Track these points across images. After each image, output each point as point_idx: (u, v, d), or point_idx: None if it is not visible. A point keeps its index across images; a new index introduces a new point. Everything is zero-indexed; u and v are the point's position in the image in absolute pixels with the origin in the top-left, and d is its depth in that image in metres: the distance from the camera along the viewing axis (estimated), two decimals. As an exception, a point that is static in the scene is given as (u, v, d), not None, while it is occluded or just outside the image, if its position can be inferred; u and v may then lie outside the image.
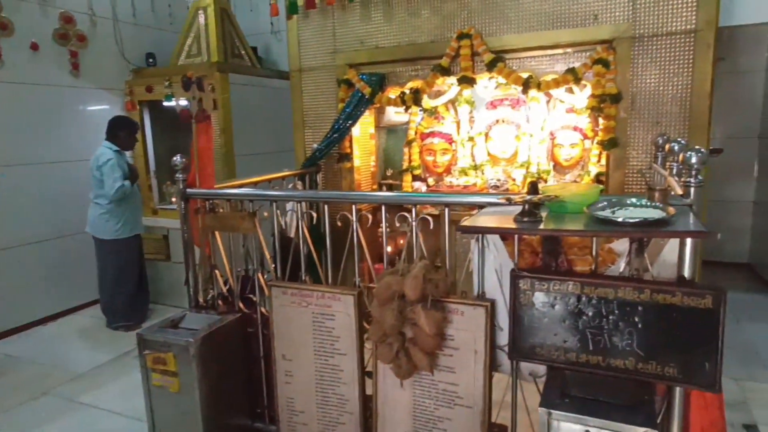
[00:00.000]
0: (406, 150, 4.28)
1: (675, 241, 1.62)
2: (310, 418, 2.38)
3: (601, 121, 3.57)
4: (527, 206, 1.54)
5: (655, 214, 1.43)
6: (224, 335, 2.47)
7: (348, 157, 3.68)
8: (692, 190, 1.63)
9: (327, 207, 2.27)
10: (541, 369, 1.94)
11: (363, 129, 3.91)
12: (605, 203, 1.59)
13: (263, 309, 2.50)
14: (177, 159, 2.50)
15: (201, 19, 5.08)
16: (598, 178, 3.61)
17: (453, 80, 3.40)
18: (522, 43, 3.07)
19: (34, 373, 3.60)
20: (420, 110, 4.27)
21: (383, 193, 2.80)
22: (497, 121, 3.92)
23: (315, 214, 2.68)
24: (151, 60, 5.25)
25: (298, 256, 2.45)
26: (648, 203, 1.55)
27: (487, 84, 4.01)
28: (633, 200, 1.59)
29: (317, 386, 2.35)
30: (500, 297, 1.99)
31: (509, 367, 2.01)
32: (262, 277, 2.48)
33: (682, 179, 1.66)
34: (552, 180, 3.85)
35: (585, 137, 3.75)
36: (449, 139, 4.13)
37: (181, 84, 2.46)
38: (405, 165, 4.29)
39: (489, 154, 3.99)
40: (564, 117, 3.79)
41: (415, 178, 4.28)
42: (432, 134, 4.16)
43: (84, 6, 4.76)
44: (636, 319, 1.71)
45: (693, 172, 1.63)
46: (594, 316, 1.76)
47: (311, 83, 3.77)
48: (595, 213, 1.48)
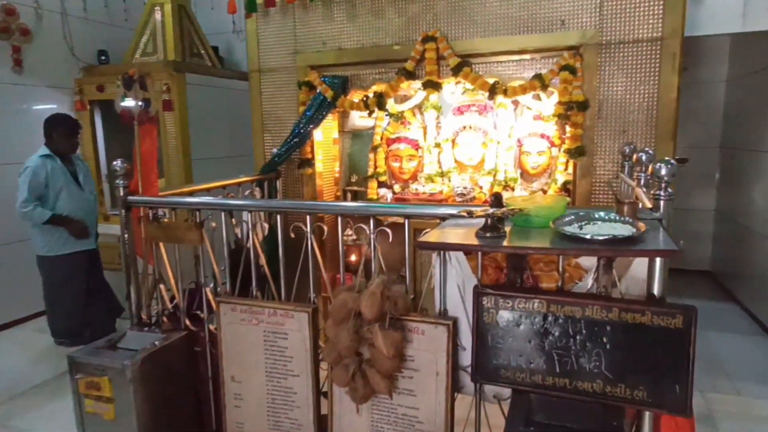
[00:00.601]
0: (372, 156, 4.15)
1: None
2: (262, 445, 2.21)
3: (568, 129, 3.54)
4: (490, 220, 1.42)
5: (625, 231, 1.33)
6: (168, 355, 2.27)
7: (309, 163, 3.52)
8: (662, 204, 1.55)
9: (280, 217, 2.11)
10: (506, 391, 1.82)
11: (326, 133, 3.75)
12: (572, 217, 1.49)
13: (212, 326, 2.32)
14: (118, 164, 2.30)
15: (158, 16, 4.85)
16: (565, 187, 3.57)
17: (419, 84, 3.29)
18: (488, 48, 2.98)
19: (-37, 395, 3.30)
20: (386, 115, 4.15)
21: (340, 203, 2.63)
22: (464, 128, 3.83)
23: (267, 225, 2.51)
24: (104, 57, 4.98)
25: (252, 270, 2.28)
26: (617, 218, 1.45)
27: (454, 89, 3.92)
28: (601, 214, 1.49)
29: (269, 410, 2.18)
30: (463, 315, 1.87)
31: (472, 389, 1.89)
32: (210, 293, 2.30)
33: (652, 192, 1.58)
34: (519, 188, 3.79)
35: (552, 145, 3.70)
36: (416, 145, 4.03)
37: (121, 82, 2.26)
38: (370, 171, 4.16)
39: (456, 161, 3.90)
40: (531, 124, 3.74)
41: (381, 185, 4.15)
42: (398, 140, 4.04)
43: (28, -2, 4.46)
44: (604, 340, 1.61)
45: (662, 185, 1.54)
46: (560, 336, 1.66)
47: (271, 85, 3.59)
48: (562, 228, 1.38)
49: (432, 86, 3.10)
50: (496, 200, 1.52)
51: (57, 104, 4.70)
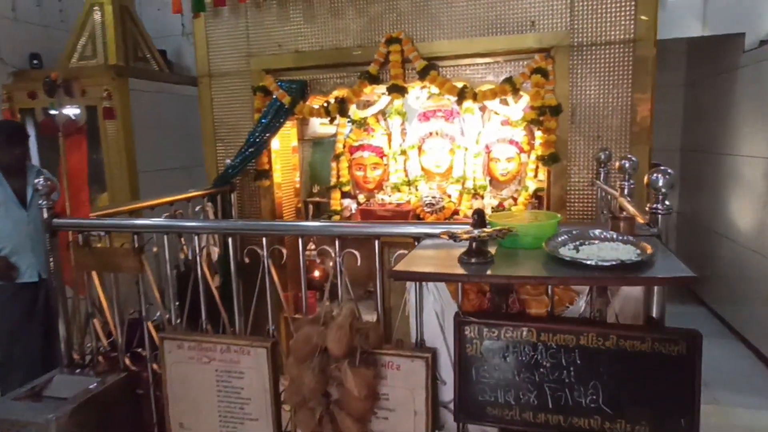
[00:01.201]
0: (334, 165, 3.93)
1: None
2: (217, 500, 1.94)
3: (538, 134, 3.42)
4: (475, 244, 1.23)
5: (629, 253, 1.16)
6: (105, 402, 1.97)
7: (266, 174, 3.25)
8: (659, 218, 1.39)
9: (232, 240, 1.85)
10: (493, 431, 1.63)
11: (284, 142, 3.50)
12: (566, 237, 1.31)
13: (156, 366, 2.03)
14: (40, 182, 1.98)
15: (97, 17, 4.47)
16: (537, 194, 3.45)
17: (383, 89, 3.09)
18: (456, 50, 2.82)
19: None
20: (348, 122, 3.94)
21: (301, 224, 2.33)
22: (430, 134, 3.66)
23: (217, 249, 2.24)
24: (36, 62, 4.55)
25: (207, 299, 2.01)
26: (616, 236, 1.29)
27: (419, 94, 3.75)
28: (596, 233, 1.32)
29: (224, 459, 1.91)
30: (442, 345, 1.67)
31: (455, 428, 1.69)
32: (153, 327, 2.01)
33: (648, 205, 1.42)
34: (488, 196, 3.64)
35: (521, 151, 3.58)
36: (380, 153, 3.83)
37: (44, 88, 1.96)
38: (333, 181, 3.93)
39: (423, 169, 3.72)
40: (499, 130, 3.61)
41: (345, 195, 3.94)
42: (362, 147, 3.84)
43: (-54, -4, 4.02)
44: (601, 370, 1.45)
45: (659, 197, 1.39)
46: (553, 368, 1.48)
47: (223, 91, 3.32)
48: (558, 252, 1.20)
49: (397, 91, 2.91)
50: (479, 218, 1.32)
51: (-18, 113, 4.24)
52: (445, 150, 3.63)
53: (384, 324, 1.75)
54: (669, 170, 1.36)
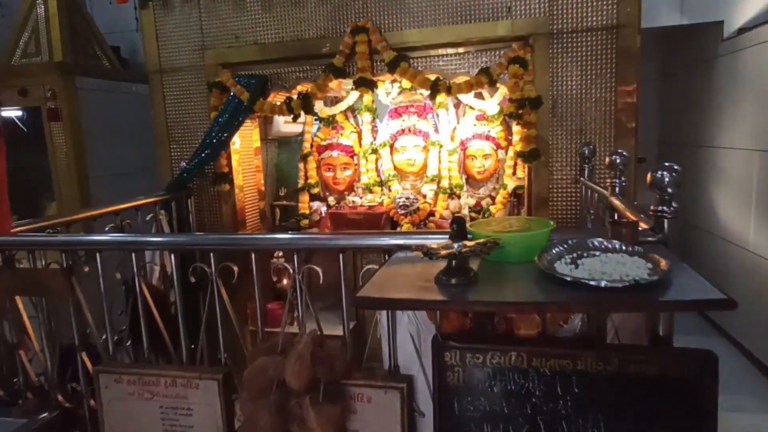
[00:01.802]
0: (302, 165, 3.69)
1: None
2: None
3: (516, 129, 3.25)
4: (455, 261, 1.01)
5: (641, 269, 0.97)
6: (32, 447, 1.70)
7: (226, 178, 2.99)
8: (666, 223, 1.21)
9: (174, 257, 1.60)
10: (479, 468, 1.43)
11: (246, 142, 3.24)
12: (561, 248, 1.11)
13: (93, 401, 1.76)
14: (-52, 194, 1.69)
15: (41, 11, 4.12)
16: (516, 193, 3.27)
17: (351, 84, 2.86)
18: (427, 40, 2.61)
19: None
20: (315, 119, 3.71)
21: (253, 236, 2.04)
22: (403, 131, 3.45)
23: (157, 268, 1.98)
24: (-27, 60, 4.16)
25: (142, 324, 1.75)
26: (620, 246, 1.09)
27: (390, 89, 3.54)
28: (596, 242, 1.12)
29: (174, 507, 1.66)
30: (419, 372, 1.45)
31: (436, 465, 1.48)
32: (87, 359, 1.75)
33: (652, 207, 1.23)
34: (465, 195, 3.45)
35: (498, 147, 3.40)
36: (350, 152, 3.60)
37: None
38: (301, 183, 3.69)
39: (395, 168, 3.51)
40: (475, 125, 3.42)
41: (314, 198, 3.70)
42: (330, 146, 3.61)
43: None
44: (602, 399, 1.25)
45: (666, 197, 1.20)
46: (547, 398, 1.28)
47: (176, 87, 3.04)
48: (555, 269, 0.99)
49: (365, 85, 2.69)
50: (459, 229, 1.11)
51: None
52: (419, 148, 3.42)
53: (354, 346, 1.53)
54: (675, 166, 1.17)
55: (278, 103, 2.87)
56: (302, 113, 2.84)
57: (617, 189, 1.77)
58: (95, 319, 1.79)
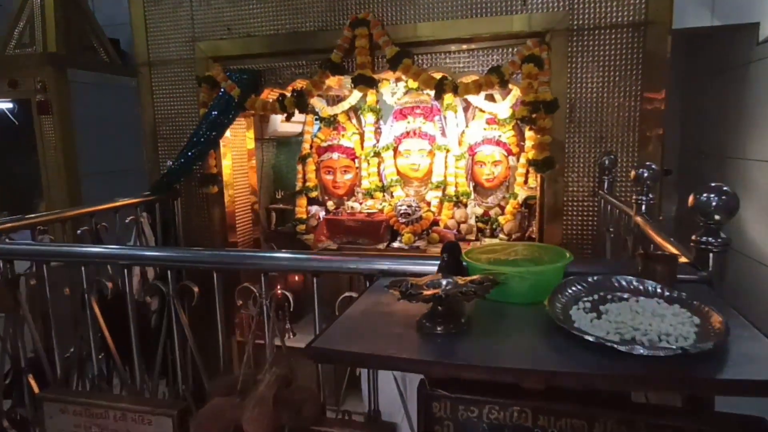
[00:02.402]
0: (300, 167, 3.48)
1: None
2: None
3: (529, 135, 3.01)
4: (441, 306, 0.79)
5: (688, 327, 0.73)
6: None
7: (214, 179, 2.79)
8: (711, 258, 0.97)
9: (127, 273, 1.39)
10: None
11: (239, 142, 3.04)
12: (578, 287, 0.88)
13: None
14: None
15: (37, 1, 3.98)
16: (527, 203, 3.04)
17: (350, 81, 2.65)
18: (433, 34, 2.39)
19: None
20: (316, 119, 3.50)
21: (205, 252, 1.64)
22: (407, 134, 3.23)
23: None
24: (-35, 49, 4.02)
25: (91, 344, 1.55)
26: (654, 288, 0.86)
27: (395, 89, 3.32)
28: (624, 281, 0.89)
29: None
30: (404, 420, 1.23)
31: None
32: (34, 382, 1.55)
33: (694, 237, 1.00)
34: (472, 204, 3.22)
35: (509, 153, 3.17)
36: (351, 155, 3.40)
37: None
38: (299, 186, 3.48)
39: (398, 173, 3.29)
40: (485, 129, 3.19)
41: (312, 202, 3.50)
42: (331, 148, 3.41)
43: None
44: (624, 471, 1.02)
45: (712, 225, 0.96)
46: (555, 465, 1.05)
47: (164, 81, 2.85)
48: (572, 322, 0.76)
49: (364, 82, 2.47)
50: (451, 259, 0.89)
51: None
52: (424, 152, 3.20)
53: (326, 385, 1.30)
54: (725, 188, 0.93)
55: (270, 101, 2.66)
56: (296, 112, 2.62)
57: (643, 207, 1.53)
58: (62, 337, 1.60)
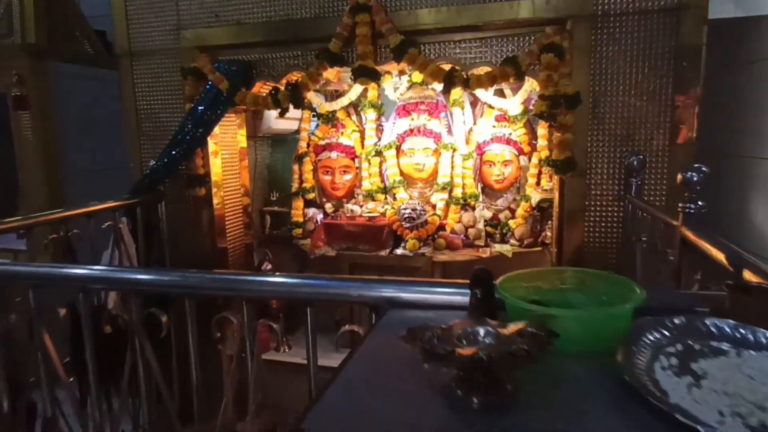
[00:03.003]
0: (296, 167, 3.27)
1: None
2: None
3: (541, 132, 2.80)
4: (478, 372, 0.57)
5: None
6: None
7: (202, 180, 2.57)
8: (818, 290, 0.75)
9: (83, 296, 1.17)
10: None
11: (230, 140, 2.82)
12: (658, 335, 0.66)
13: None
14: None
15: (15, -12, 3.74)
16: (540, 206, 2.83)
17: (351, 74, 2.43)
18: (442, 22, 2.16)
19: None
20: (313, 116, 3.28)
21: (170, 275, 1.29)
22: (411, 131, 3.01)
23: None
24: (-61, 40, 3.78)
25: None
26: (755, 337, 0.64)
27: (398, 83, 3.10)
28: (712, 327, 0.67)
29: None
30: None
31: None
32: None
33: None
34: (481, 206, 3.01)
35: (520, 152, 2.96)
36: (351, 154, 3.19)
37: None
38: (295, 187, 3.27)
39: (402, 173, 3.07)
40: (494, 127, 2.98)
41: (309, 204, 3.28)
42: (329, 147, 3.21)
43: None
44: None
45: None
46: None
47: (147, 73, 2.62)
48: (665, 393, 0.55)
49: (366, 75, 2.24)
50: (486, 292, 0.67)
51: None
52: (429, 151, 2.98)
53: None
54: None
55: (263, 95, 2.43)
56: (291, 107, 2.40)
57: (683, 218, 1.31)
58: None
